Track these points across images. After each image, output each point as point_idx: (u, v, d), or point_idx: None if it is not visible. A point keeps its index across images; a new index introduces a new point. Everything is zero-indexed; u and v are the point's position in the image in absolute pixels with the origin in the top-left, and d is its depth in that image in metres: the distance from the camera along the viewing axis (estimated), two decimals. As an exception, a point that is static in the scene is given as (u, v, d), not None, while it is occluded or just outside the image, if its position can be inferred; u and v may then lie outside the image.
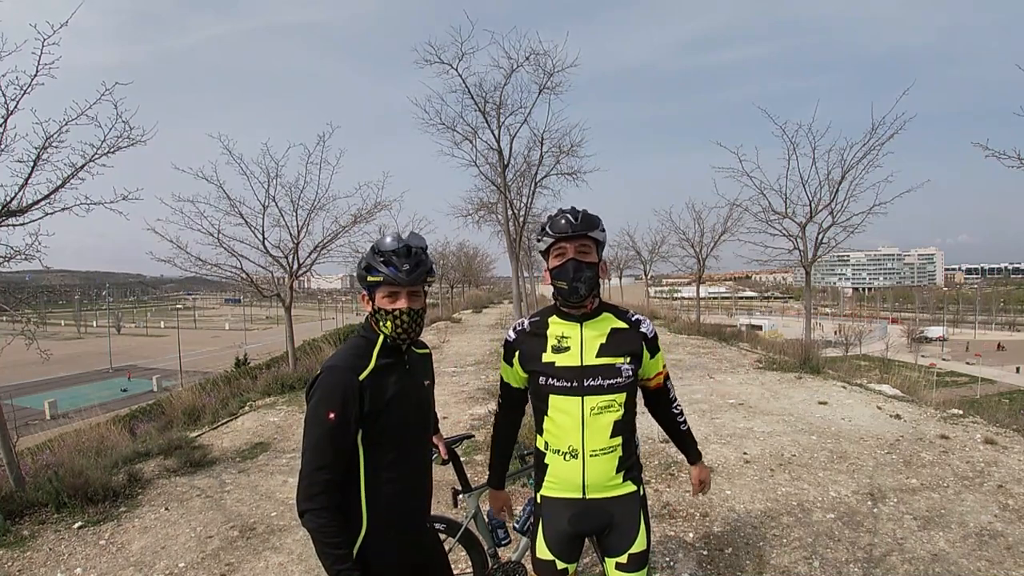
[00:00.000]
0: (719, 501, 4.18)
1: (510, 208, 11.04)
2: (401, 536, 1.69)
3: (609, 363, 1.74)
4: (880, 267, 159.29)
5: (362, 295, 1.69)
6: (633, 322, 1.82)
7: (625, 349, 1.76)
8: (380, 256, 1.61)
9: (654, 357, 1.85)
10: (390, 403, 1.63)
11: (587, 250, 1.74)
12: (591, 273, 1.74)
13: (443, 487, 4.20)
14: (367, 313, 1.71)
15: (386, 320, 1.63)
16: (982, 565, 3.24)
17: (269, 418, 7.10)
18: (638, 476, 1.84)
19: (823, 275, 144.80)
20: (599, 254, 1.79)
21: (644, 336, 1.81)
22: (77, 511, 4.20)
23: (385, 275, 1.60)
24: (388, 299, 1.63)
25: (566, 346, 1.76)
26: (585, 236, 1.73)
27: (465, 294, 37.61)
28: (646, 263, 22.98)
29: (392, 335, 1.64)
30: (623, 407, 1.75)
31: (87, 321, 79.83)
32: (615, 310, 1.84)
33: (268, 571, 3.40)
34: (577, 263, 1.72)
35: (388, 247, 1.61)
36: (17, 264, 4.52)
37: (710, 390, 7.90)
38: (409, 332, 1.66)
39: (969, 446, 5.30)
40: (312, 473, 1.51)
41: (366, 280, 1.64)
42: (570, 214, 1.74)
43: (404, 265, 1.60)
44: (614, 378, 1.73)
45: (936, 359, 47.58)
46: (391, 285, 1.61)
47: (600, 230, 1.77)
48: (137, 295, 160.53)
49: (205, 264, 9.09)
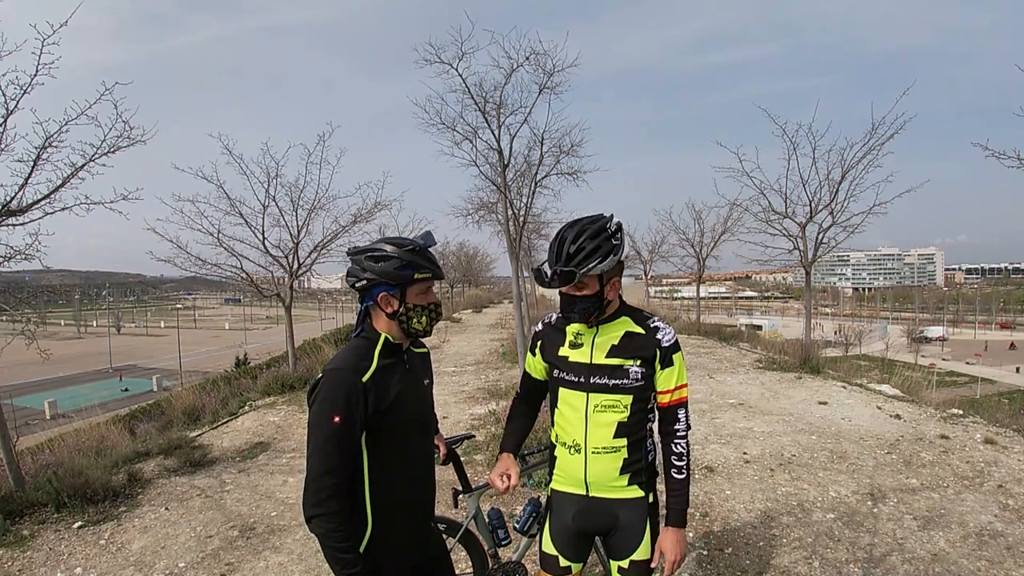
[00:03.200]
0: (719, 501, 4.18)
1: (510, 208, 11.03)
2: (406, 535, 1.69)
3: (617, 364, 1.74)
4: (880, 267, 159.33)
5: (381, 296, 1.63)
6: (651, 328, 1.77)
7: (636, 353, 1.74)
8: (422, 255, 1.66)
9: (666, 369, 1.75)
10: (393, 403, 1.63)
11: (580, 286, 1.70)
12: (584, 305, 1.72)
13: (443, 487, 4.20)
14: (371, 312, 1.69)
15: (421, 315, 1.68)
16: (982, 565, 3.24)
17: (269, 418, 7.10)
18: (649, 483, 1.81)
19: (823, 275, 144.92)
20: (601, 281, 1.71)
21: (659, 344, 1.75)
22: (77, 511, 4.20)
23: (434, 271, 1.67)
24: (423, 295, 1.69)
25: (580, 343, 1.80)
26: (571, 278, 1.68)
27: (465, 294, 37.61)
28: (646, 263, 22.95)
29: (424, 329, 1.71)
30: (628, 409, 1.74)
31: (87, 321, 79.82)
32: (635, 315, 1.80)
33: (268, 571, 3.40)
34: (569, 298, 1.73)
35: (423, 243, 1.69)
36: (17, 264, 4.52)
37: (710, 390, 7.90)
38: (436, 322, 1.76)
39: (969, 446, 5.30)
40: (319, 478, 1.51)
41: (409, 277, 1.62)
42: (547, 269, 1.71)
43: (437, 262, 1.72)
44: (621, 379, 1.73)
45: (936, 359, 47.58)
46: (427, 281, 1.68)
47: (597, 262, 1.65)
48: (137, 295, 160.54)
49: (205, 264, 9.08)
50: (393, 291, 1.63)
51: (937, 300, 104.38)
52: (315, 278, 13.52)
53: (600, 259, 1.65)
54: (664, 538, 1.76)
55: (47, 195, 4.45)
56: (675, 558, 1.73)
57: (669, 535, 1.75)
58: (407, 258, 1.62)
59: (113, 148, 4.67)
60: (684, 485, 1.77)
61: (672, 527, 1.75)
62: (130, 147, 4.78)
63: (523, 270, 11.23)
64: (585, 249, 1.65)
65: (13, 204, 4.32)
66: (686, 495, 1.77)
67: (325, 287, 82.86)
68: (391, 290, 1.63)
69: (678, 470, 1.77)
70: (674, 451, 1.77)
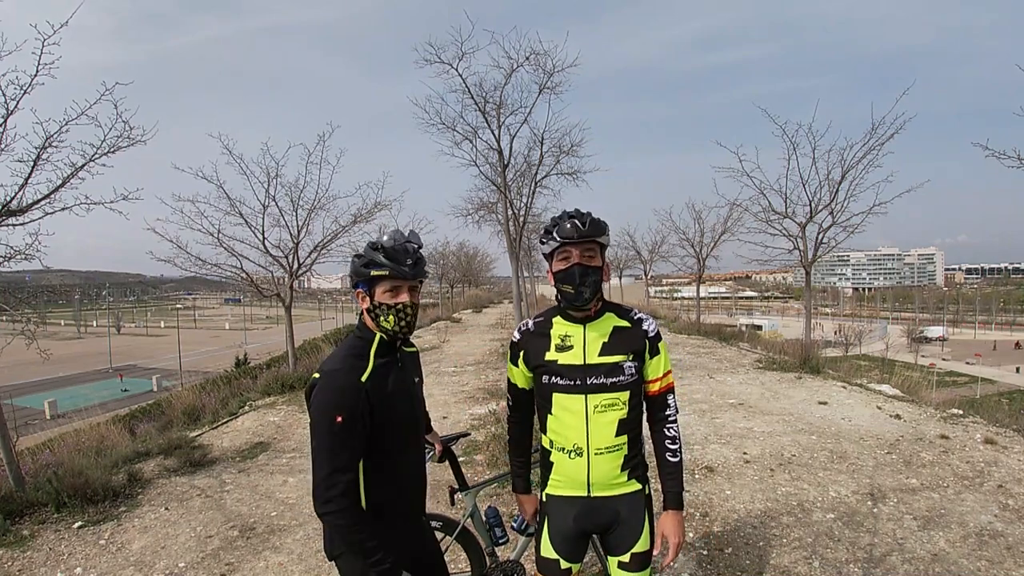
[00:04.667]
0: (719, 501, 4.18)
1: (510, 208, 11.05)
2: (396, 534, 1.69)
3: (612, 361, 1.74)
4: (880, 267, 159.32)
5: (358, 292, 1.70)
6: (635, 320, 1.81)
7: (628, 347, 1.76)
8: (382, 252, 1.65)
9: (654, 358, 1.81)
10: (389, 401, 1.65)
11: (592, 254, 1.73)
12: (596, 277, 1.73)
13: (441, 486, 4.21)
14: (362, 311, 1.72)
15: (388, 314, 1.66)
16: (982, 565, 3.24)
17: (269, 418, 7.10)
18: (644, 475, 1.83)
19: (823, 275, 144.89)
20: (603, 257, 1.79)
21: (646, 335, 1.79)
22: (77, 511, 4.20)
23: (391, 269, 1.63)
24: (390, 294, 1.66)
25: (569, 345, 1.76)
26: (591, 241, 1.72)
27: (465, 294, 37.62)
28: (646, 263, 22.97)
29: (394, 329, 1.67)
30: (627, 405, 1.75)
31: (87, 321, 79.80)
32: (618, 309, 1.84)
33: (268, 571, 3.40)
34: (583, 268, 1.71)
35: (389, 244, 1.66)
36: (17, 264, 4.52)
37: (710, 390, 7.90)
38: (411, 326, 1.70)
39: (969, 446, 5.30)
40: (327, 477, 1.52)
41: (367, 275, 1.66)
42: (578, 219, 1.71)
43: (407, 260, 1.65)
44: (617, 376, 1.73)
45: (936, 359, 47.58)
46: (394, 279, 1.65)
47: (606, 235, 1.75)
48: (137, 295, 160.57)
49: (205, 264, 9.09)
50: (363, 287, 1.69)
51: (937, 300, 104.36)
52: (315, 278, 13.52)
53: (606, 234, 1.75)
54: (666, 522, 1.77)
55: (47, 195, 4.45)
56: (678, 540, 1.76)
57: (671, 518, 1.77)
58: (368, 256, 1.67)
59: (113, 148, 4.67)
60: (679, 468, 1.81)
61: (673, 510, 1.78)
62: (130, 147, 4.80)
63: (523, 270, 11.22)
64: (597, 222, 1.73)
65: (13, 204, 4.33)
66: (682, 477, 1.81)
67: (325, 287, 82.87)
68: (362, 287, 1.69)
69: (672, 453, 1.81)
70: (667, 435, 1.81)
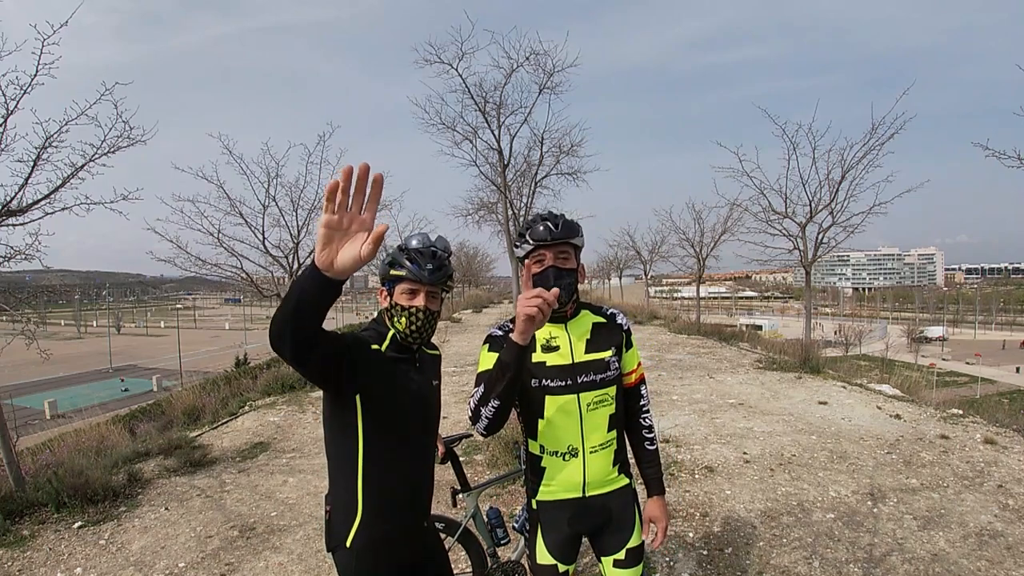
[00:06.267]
0: (719, 501, 4.18)
1: (510, 208, 11.06)
2: (398, 533, 1.68)
3: (597, 358, 1.76)
4: (880, 267, 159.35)
5: (380, 290, 1.73)
6: (609, 316, 1.86)
7: (609, 342, 1.79)
8: (405, 253, 1.66)
9: (629, 351, 1.87)
10: (396, 391, 1.64)
11: (566, 256, 1.73)
12: (571, 279, 1.73)
13: (442, 487, 4.21)
14: (382, 308, 1.74)
15: (401, 316, 1.66)
16: (982, 565, 3.24)
17: (269, 418, 7.10)
18: (629, 470, 1.87)
19: (823, 275, 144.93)
20: (577, 259, 1.80)
21: (622, 328, 1.85)
22: (77, 511, 4.20)
23: (409, 271, 1.64)
24: (407, 296, 1.66)
25: (556, 345, 1.76)
26: (565, 243, 1.72)
27: (465, 294, 37.61)
28: (646, 263, 23.00)
29: (404, 332, 1.67)
30: (614, 400, 1.78)
31: (87, 321, 79.82)
32: (590, 307, 1.87)
33: (268, 571, 3.40)
34: (557, 270, 1.71)
35: (414, 246, 1.67)
36: (17, 264, 4.51)
37: (710, 390, 7.90)
38: (422, 332, 1.68)
39: (969, 446, 5.30)
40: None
41: (388, 274, 1.68)
42: (550, 221, 1.72)
43: (428, 264, 1.65)
44: (604, 372, 1.76)
45: (936, 359, 47.58)
46: (412, 282, 1.65)
47: (579, 236, 1.76)
48: (137, 295, 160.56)
49: (205, 264, 9.08)
50: (387, 286, 1.71)
51: (937, 300, 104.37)
52: (315, 278, 13.46)
53: (580, 235, 1.76)
54: (652, 508, 1.84)
55: (47, 195, 4.45)
56: (665, 524, 1.83)
57: (656, 503, 1.84)
58: (393, 255, 1.68)
59: (113, 148, 4.67)
60: (657, 455, 1.89)
61: (657, 495, 1.85)
62: (130, 147, 4.78)
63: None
64: (570, 223, 1.75)
65: (13, 204, 4.33)
66: (660, 463, 1.90)
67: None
68: (387, 285, 1.71)
69: (650, 442, 1.88)
70: (644, 424, 1.88)
